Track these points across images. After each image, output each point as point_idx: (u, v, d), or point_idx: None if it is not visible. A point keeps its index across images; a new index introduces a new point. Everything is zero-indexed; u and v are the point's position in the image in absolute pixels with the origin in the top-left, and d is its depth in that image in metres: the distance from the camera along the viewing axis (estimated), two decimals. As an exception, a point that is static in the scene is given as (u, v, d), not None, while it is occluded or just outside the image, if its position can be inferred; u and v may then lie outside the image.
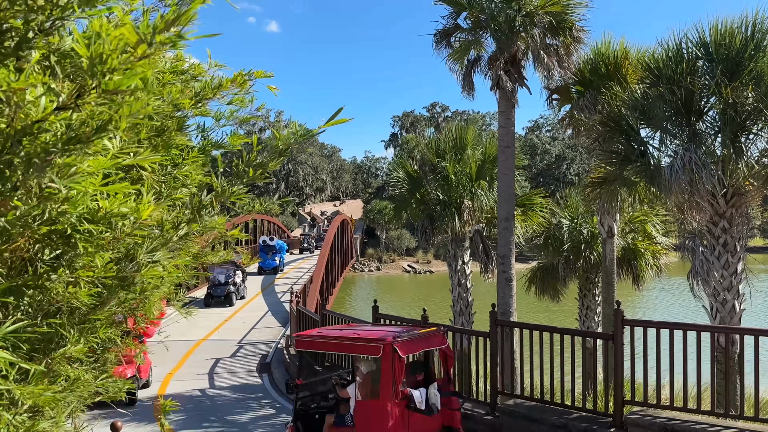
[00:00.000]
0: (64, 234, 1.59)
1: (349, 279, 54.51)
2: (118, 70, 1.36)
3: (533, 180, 67.31)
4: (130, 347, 3.50)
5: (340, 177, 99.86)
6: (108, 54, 1.33)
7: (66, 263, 1.85)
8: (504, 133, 12.92)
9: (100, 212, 1.53)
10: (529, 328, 9.67)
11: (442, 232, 14.97)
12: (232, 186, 2.20)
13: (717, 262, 9.96)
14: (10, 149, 1.39)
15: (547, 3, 12.07)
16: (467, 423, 9.35)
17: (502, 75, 12.51)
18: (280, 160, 2.10)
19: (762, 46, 9.60)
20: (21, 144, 1.40)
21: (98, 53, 1.34)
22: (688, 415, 7.59)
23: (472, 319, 15.04)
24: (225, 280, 27.93)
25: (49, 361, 2.12)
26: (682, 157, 9.48)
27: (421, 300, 41.33)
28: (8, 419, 1.76)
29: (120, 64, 1.35)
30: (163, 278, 2.37)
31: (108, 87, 1.38)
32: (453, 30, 13.32)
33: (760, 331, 7.69)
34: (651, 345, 7.94)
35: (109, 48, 1.34)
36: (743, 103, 9.52)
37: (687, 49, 10.23)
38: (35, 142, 1.40)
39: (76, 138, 1.42)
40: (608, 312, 13.13)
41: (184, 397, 13.75)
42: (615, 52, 12.75)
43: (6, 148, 1.39)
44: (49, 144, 1.41)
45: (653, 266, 15.69)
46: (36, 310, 1.97)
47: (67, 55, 1.59)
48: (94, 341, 2.32)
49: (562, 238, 15.32)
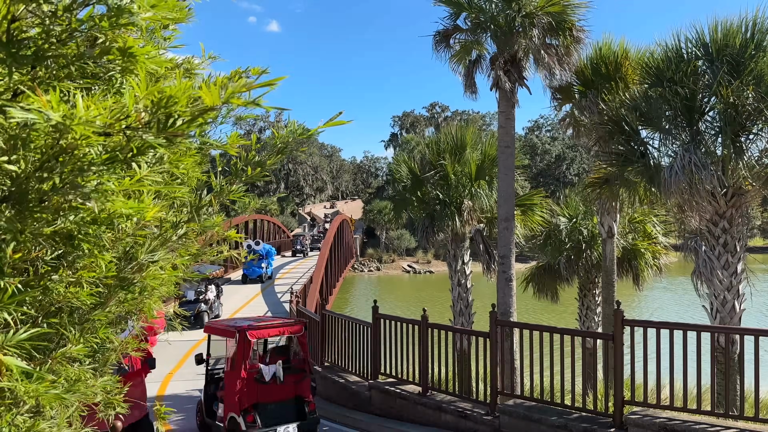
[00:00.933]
0: (68, 234, 1.59)
1: (349, 279, 54.55)
2: (182, 115, 1.34)
3: (533, 180, 67.34)
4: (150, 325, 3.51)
5: (340, 177, 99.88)
6: (175, 99, 1.31)
7: (67, 263, 1.85)
8: (504, 133, 12.93)
9: (103, 213, 1.54)
10: (529, 328, 9.66)
11: (443, 231, 14.97)
12: (230, 185, 2.20)
13: (717, 262, 9.96)
14: (47, 166, 1.39)
15: (547, 3, 12.07)
16: (467, 423, 9.37)
17: (501, 75, 12.51)
18: (279, 158, 2.10)
19: (762, 45, 9.60)
20: (58, 161, 1.39)
21: (166, 96, 1.31)
22: (688, 415, 7.59)
23: (472, 319, 15.04)
24: (195, 297, 23.22)
25: (49, 362, 2.12)
26: (682, 158, 9.48)
27: (421, 300, 41.33)
28: (9, 419, 1.76)
29: (185, 111, 1.33)
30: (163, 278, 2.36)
31: (168, 129, 1.35)
32: (453, 31, 13.33)
33: (760, 331, 7.68)
34: (651, 345, 7.94)
35: (179, 94, 1.32)
36: (743, 103, 9.52)
37: (687, 49, 10.23)
38: (72, 160, 1.39)
39: (115, 158, 1.41)
40: (608, 312, 13.14)
41: (183, 397, 13.74)
42: (615, 53, 12.75)
43: (43, 165, 1.39)
44: (86, 163, 1.39)
45: (653, 266, 15.71)
46: (37, 311, 1.97)
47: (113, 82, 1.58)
48: (94, 341, 2.32)
49: (563, 238, 15.33)
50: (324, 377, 12.86)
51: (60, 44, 1.42)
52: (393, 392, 10.77)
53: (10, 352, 1.42)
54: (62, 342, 2.08)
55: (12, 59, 1.35)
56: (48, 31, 1.40)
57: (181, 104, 1.31)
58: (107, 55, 1.44)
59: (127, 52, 1.40)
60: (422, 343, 10.56)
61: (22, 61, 1.38)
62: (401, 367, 11.06)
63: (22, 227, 1.44)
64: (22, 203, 1.41)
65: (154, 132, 1.33)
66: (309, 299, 22.16)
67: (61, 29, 1.41)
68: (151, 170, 1.54)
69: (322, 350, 13.51)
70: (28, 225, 1.47)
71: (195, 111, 1.33)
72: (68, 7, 1.40)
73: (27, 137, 1.34)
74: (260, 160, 2.09)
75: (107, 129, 1.30)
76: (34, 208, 1.43)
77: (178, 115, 1.32)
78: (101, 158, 1.38)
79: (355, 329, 12.23)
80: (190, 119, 1.33)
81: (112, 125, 1.29)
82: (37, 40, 1.41)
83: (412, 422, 10.27)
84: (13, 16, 1.38)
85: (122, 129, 1.31)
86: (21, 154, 1.36)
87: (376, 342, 11.43)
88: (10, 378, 1.52)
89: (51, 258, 1.77)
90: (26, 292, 1.63)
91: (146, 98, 1.31)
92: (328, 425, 11.19)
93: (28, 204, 1.42)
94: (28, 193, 1.40)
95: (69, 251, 1.70)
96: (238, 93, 1.37)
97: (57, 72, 1.46)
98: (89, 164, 1.37)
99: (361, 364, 12.08)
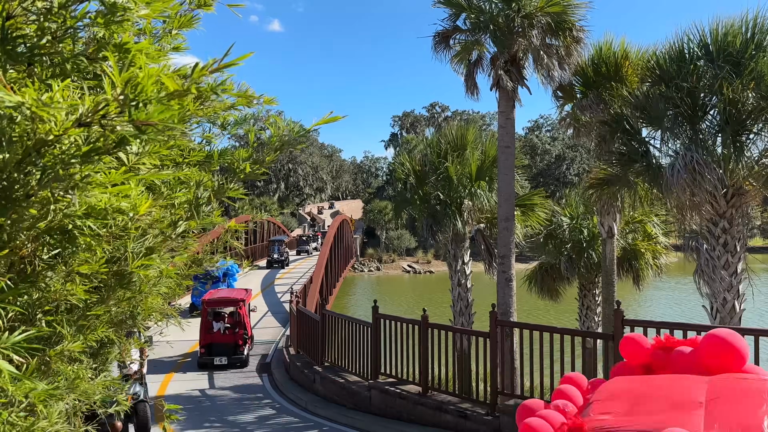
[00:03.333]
0: (63, 229, 1.59)
1: (349, 279, 54.54)
2: (151, 102, 1.32)
3: (533, 180, 67.31)
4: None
5: (340, 177, 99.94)
6: (143, 86, 1.30)
7: (63, 260, 1.85)
8: (504, 133, 12.92)
9: (98, 206, 1.53)
10: (529, 328, 9.66)
11: (444, 231, 14.97)
12: (229, 182, 2.20)
13: (717, 262, 9.95)
14: (29, 159, 1.38)
15: (547, 4, 12.06)
16: (467, 423, 9.38)
17: (502, 74, 12.50)
18: (276, 155, 2.10)
19: (762, 45, 9.60)
20: (39, 154, 1.38)
21: (135, 83, 1.30)
22: (689, 415, 7.58)
23: (472, 319, 15.03)
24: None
25: (47, 359, 2.11)
26: (684, 157, 9.47)
27: (421, 300, 41.35)
28: (5, 417, 1.75)
29: (154, 97, 1.32)
30: (161, 271, 2.36)
31: (138, 117, 1.35)
32: (452, 32, 13.33)
33: (760, 331, 7.68)
34: (651, 345, 7.93)
35: (146, 80, 1.31)
36: (744, 102, 9.52)
37: (688, 48, 10.23)
38: (53, 152, 1.38)
39: (96, 150, 1.40)
40: (608, 312, 13.13)
41: (184, 397, 13.75)
42: (615, 53, 12.74)
43: (25, 158, 1.38)
44: (67, 155, 1.39)
45: (653, 266, 15.70)
46: (34, 309, 1.96)
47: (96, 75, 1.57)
48: (92, 340, 2.32)
49: (563, 238, 15.33)
50: (324, 377, 12.86)
51: (55, 41, 1.41)
52: (393, 392, 10.77)
53: (4, 355, 1.41)
54: (58, 340, 2.07)
55: (7, 56, 1.34)
56: (43, 28, 1.39)
57: (148, 90, 1.30)
58: (102, 50, 1.44)
59: (123, 48, 1.39)
60: (422, 343, 10.56)
61: (18, 59, 1.38)
62: (401, 367, 11.06)
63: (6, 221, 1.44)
64: (8, 198, 1.40)
65: (126, 120, 1.32)
66: (309, 299, 22.14)
67: (57, 26, 1.41)
68: (138, 160, 1.53)
69: (322, 350, 13.51)
70: (14, 220, 1.46)
71: (162, 98, 1.32)
72: (63, 4, 1.40)
73: (6, 128, 1.33)
74: (257, 158, 2.10)
75: (85, 119, 1.29)
76: (21, 203, 1.42)
77: (146, 103, 1.30)
78: (82, 150, 1.37)
79: (355, 329, 12.23)
80: (161, 109, 1.32)
81: (89, 114, 1.28)
82: (32, 38, 1.40)
83: (412, 422, 10.27)
84: (8, 14, 1.37)
85: (98, 119, 1.30)
86: (3, 147, 1.35)
87: (376, 342, 11.43)
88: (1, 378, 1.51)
89: (47, 255, 1.77)
90: (16, 289, 1.62)
91: (121, 84, 1.30)
92: (328, 425, 11.19)
93: (13, 198, 1.41)
94: (12, 187, 1.40)
95: (65, 246, 1.70)
96: (202, 77, 1.37)
97: (53, 69, 1.45)
98: (71, 156, 1.36)
99: (361, 364, 12.08)
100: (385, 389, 10.92)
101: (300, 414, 12.32)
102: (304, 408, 12.65)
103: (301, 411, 12.52)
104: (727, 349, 2.90)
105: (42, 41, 1.39)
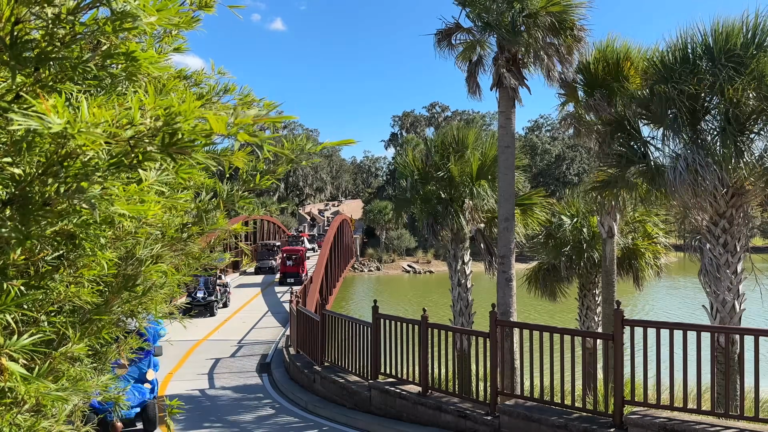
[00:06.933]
0: (70, 234, 1.60)
1: (349, 279, 54.49)
2: (187, 135, 1.33)
3: (533, 180, 67.18)
4: None
5: (340, 177, 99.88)
6: (183, 118, 1.30)
7: (68, 263, 1.86)
8: (504, 133, 12.93)
9: (104, 214, 1.54)
10: (529, 328, 9.67)
11: (445, 231, 14.99)
12: (239, 191, 2.21)
13: (718, 261, 9.96)
14: (52, 170, 1.39)
15: (548, 3, 12.07)
16: (467, 423, 9.39)
17: (504, 73, 12.51)
18: (288, 167, 2.13)
19: (763, 46, 9.60)
20: (62, 166, 1.39)
21: (174, 113, 1.31)
22: (688, 415, 7.60)
23: (472, 319, 15.04)
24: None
25: (51, 361, 2.12)
26: (685, 158, 9.48)
27: (421, 300, 41.32)
28: (10, 418, 1.76)
29: (190, 131, 1.32)
30: (166, 275, 2.37)
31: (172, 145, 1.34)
32: (454, 29, 13.33)
33: (760, 331, 7.68)
34: (651, 345, 7.94)
35: (188, 114, 1.30)
36: (745, 102, 9.53)
37: (691, 48, 10.23)
38: (76, 165, 1.39)
39: (120, 164, 1.41)
40: (608, 312, 13.14)
41: (184, 397, 13.75)
42: (617, 53, 12.75)
43: (48, 169, 1.39)
44: (90, 168, 1.39)
45: (653, 266, 15.71)
46: (38, 311, 1.97)
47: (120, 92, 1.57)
48: (96, 342, 2.33)
49: (563, 238, 15.33)
50: (324, 377, 12.86)
51: (63, 47, 1.42)
52: (393, 392, 10.78)
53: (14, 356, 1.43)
54: (63, 342, 2.08)
55: (15, 61, 1.36)
56: (52, 33, 1.40)
57: (189, 122, 1.31)
58: (110, 58, 1.45)
59: (131, 56, 1.40)
60: (422, 343, 10.56)
61: (26, 64, 1.39)
62: (401, 367, 11.07)
63: (26, 232, 1.45)
64: (26, 206, 1.42)
65: (158, 145, 1.33)
66: (309, 299, 22.17)
67: (65, 32, 1.42)
68: (157, 179, 1.54)
69: (322, 350, 13.51)
70: (32, 228, 1.47)
71: (200, 132, 1.33)
72: (72, 10, 1.41)
73: (31, 141, 1.34)
74: (270, 168, 2.12)
75: (111, 139, 1.30)
76: (38, 212, 1.43)
77: (182, 134, 1.31)
78: (106, 163, 1.38)
79: (355, 329, 12.24)
80: (194, 139, 1.33)
81: (116, 135, 1.29)
82: (40, 43, 1.41)
83: (411, 422, 10.28)
84: (16, 19, 1.38)
85: (127, 139, 1.31)
86: (25, 157, 1.36)
87: (376, 342, 11.44)
88: (10, 379, 1.52)
89: (52, 258, 1.78)
90: (28, 295, 1.63)
91: (153, 110, 1.31)
92: (328, 425, 11.20)
93: (31, 207, 1.42)
94: (31, 197, 1.41)
95: (70, 250, 1.71)
96: (246, 124, 1.37)
97: (60, 75, 1.47)
98: (93, 169, 1.37)
99: (361, 364, 12.08)
100: (385, 389, 10.92)
101: (300, 414, 12.33)
102: (304, 408, 12.66)
103: (301, 411, 12.53)
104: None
105: (50, 47, 1.40)
